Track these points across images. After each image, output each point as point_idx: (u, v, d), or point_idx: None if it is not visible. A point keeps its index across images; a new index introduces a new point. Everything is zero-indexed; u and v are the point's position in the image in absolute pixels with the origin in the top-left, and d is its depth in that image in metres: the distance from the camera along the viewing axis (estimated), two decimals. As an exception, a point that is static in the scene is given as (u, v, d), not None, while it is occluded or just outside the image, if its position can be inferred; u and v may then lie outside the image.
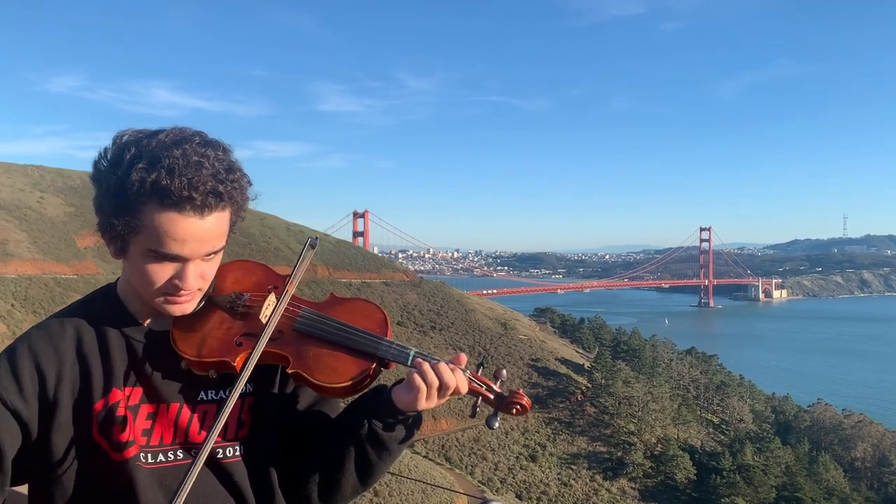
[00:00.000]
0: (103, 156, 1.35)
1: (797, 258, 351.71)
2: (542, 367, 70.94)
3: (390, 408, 1.45)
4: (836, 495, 50.61)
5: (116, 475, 1.38)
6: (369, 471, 1.49)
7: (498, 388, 1.47)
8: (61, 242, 70.10)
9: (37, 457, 1.39)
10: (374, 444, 1.46)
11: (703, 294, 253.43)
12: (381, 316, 1.53)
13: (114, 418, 1.38)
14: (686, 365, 77.47)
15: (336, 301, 1.56)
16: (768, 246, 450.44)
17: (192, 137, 1.34)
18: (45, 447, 1.38)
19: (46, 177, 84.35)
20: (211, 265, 1.42)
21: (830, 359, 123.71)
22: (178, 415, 1.44)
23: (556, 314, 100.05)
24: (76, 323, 1.45)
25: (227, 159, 1.37)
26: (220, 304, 1.50)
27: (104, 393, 1.40)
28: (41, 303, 60.13)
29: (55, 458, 1.38)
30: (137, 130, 1.36)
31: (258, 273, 1.58)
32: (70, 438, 1.38)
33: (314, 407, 1.59)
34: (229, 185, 1.34)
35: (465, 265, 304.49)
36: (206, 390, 1.48)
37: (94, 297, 1.54)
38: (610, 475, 54.58)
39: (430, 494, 38.05)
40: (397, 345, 1.46)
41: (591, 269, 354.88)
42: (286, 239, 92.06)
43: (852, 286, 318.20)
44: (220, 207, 1.35)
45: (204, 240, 1.35)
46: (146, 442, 1.41)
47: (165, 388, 1.44)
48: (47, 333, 1.43)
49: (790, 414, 70.49)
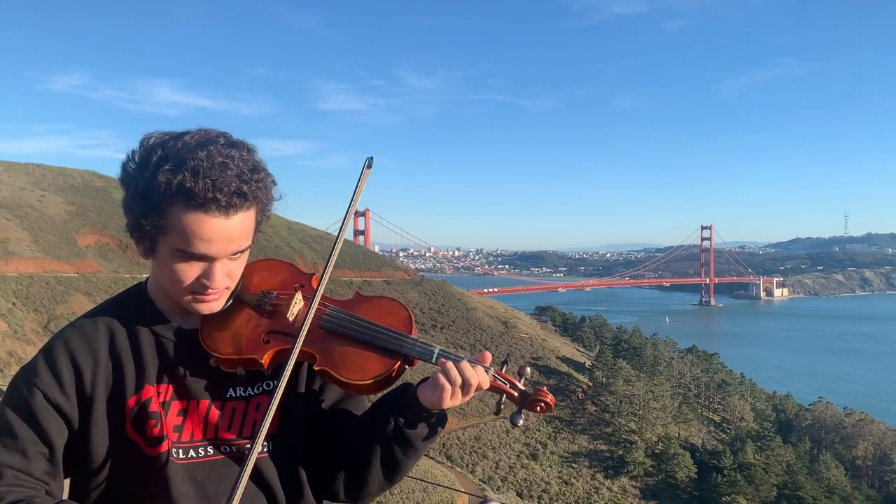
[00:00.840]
0: (131, 158, 1.38)
1: (798, 257, 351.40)
2: (543, 365, 70.91)
3: (416, 406, 1.46)
4: (837, 494, 50.59)
5: (150, 470, 1.42)
6: (395, 468, 1.51)
7: (522, 385, 1.48)
8: (62, 241, 70.10)
9: (76, 452, 1.42)
10: (400, 442, 1.48)
11: (704, 293, 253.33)
12: (405, 314, 1.54)
13: (146, 414, 1.42)
14: (687, 363, 77.47)
15: (361, 299, 1.58)
16: (769, 244, 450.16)
17: (217, 139, 1.37)
18: (84, 442, 1.42)
19: (48, 175, 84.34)
20: (238, 264, 1.45)
21: (832, 357, 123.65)
22: (207, 411, 1.47)
23: (557, 312, 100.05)
24: (108, 322, 1.49)
25: (252, 160, 1.40)
26: (248, 303, 1.52)
27: (136, 390, 1.44)
28: (42, 301, 60.16)
29: (92, 453, 1.42)
30: (164, 132, 1.39)
31: (284, 271, 1.61)
32: (105, 434, 1.42)
33: (340, 404, 1.61)
34: (254, 185, 1.36)
35: (465, 263, 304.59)
36: (234, 387, 1.51)
37: (124, 297, 1.57)
38: (611, 473, 54.57)
39: (431, 493, 38.05)
40: (422, 343, 1.48)
41: (593, 267, 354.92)
42: (287, 238, 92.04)
43: (854, 285, 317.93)
44: (245, 207, 1.37)
45: (230, 239, 1.37)
46: (177, 438, 1.44)
47: (195, 385, 1.47)
48: (82, 332, 1.46)
49: (791, 412, 70.46)
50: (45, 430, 1.37)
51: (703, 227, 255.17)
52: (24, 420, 1.36)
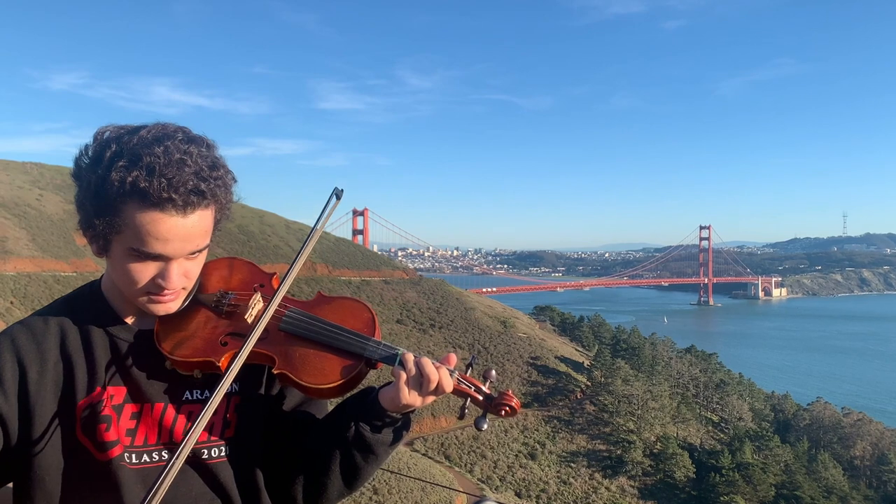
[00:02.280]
0: (84, 153, 1.31)
1: (797, 256, 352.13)
2: (542, 365, 70.94)
3: (377, 409, 1.42)
4: (835, 493, 50.64)
5: (101, 475, 1.34)
6: (355, 474, 1.46)
7: (487, 389, 1.42)
8: (60, 240, 70.04)
9: (19, 454, 1.35)
10: (361, 447, 1.43)
11: (702, 292, 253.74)
12: (368, 315, 1.49)
13: (97, 418, 1.35)
14: (685, 363, 77.51)
15: (323, 300, 1.52)
16: (768, 244, 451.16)
17: (175, 133, 1.30)
18: (28, 445, 1.34)
19: (45, 174, 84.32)
20: (195, 264, 1.39)
21: (830, 357, 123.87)
22: (162, 415, 1.40)
23: (555, 312, 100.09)
24: (60, 321, 1.42)
25: (211, 156, 1.33)
26: (206, 304, 1.47)
27: (88, 392, 1.37)
28: (40, 300, 60.04)
29: (38, 457, 1.34)
30: (119, 126, 1.32)
31: (244, 271, 1.54)
32: (53, 437, 1.35)
33: (301, 408, 1.56)
34: (212, 183, 1.30)
35: (464, 263, 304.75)
36: (191, 390, 1.44)
37: (78, 295, 1.51)
38: (609, 473, 54.58)
39: (430, 492, 38.04)
40: (385, 345, 1.42)
41: (591, 267, 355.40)
42: (286, 237, 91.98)
43: (852, 284, 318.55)
44: (203, 206, 1.31)
45: (187, 238, 1.31)
46: (130, 442, 1.37)
47: (150, 387, 1.41)
48: (30, 330, 1.40)
49: (789, 412, 70.54)
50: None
51: (701, 227, 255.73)
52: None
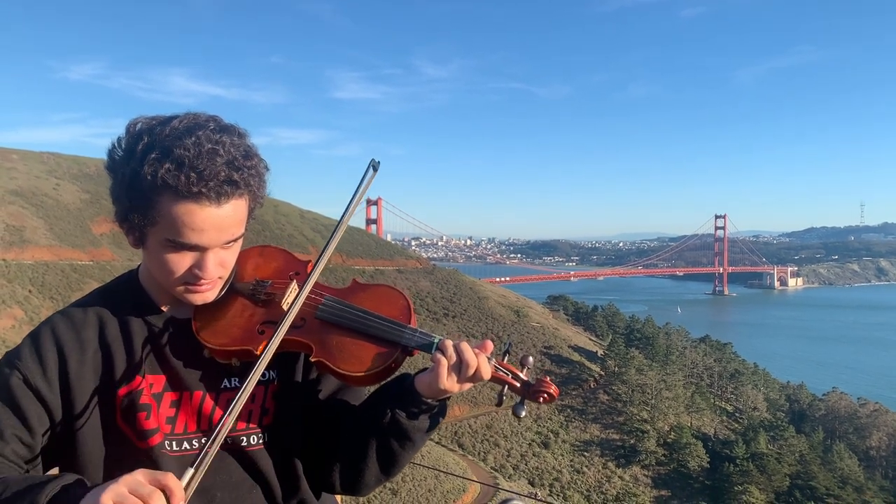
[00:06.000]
0: (117, 145, 1.31)
1: (813, 246, 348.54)
2: (555, 354, 70.93)
3: (414, 396, 1.42)
4: (850, 484, 50.33)
5: (141, 463, 1.31)
6: (392, 460, 1.47)
7: (524, 375, 1.42)
8: (77, 229, 70.73)
9: (63, 441, 1.38)
10: (397, 434, 1.43)
11: (717, 282, 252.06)
12: (404, 302, 1.48)
13: (137, 406, 1.37)
14: (700, 353, 77.24)
15: (359, 287, 1.52)
16: (784, 234, 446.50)
17: (207, 123, 1.30)
18: (70, 432, 1.37)
19: (62, 164, 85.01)
20: (230, 253, 1.39)
21: (846, 347, 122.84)
22: (201, 403, 1.42)
23: (569, 302, 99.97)
24: (98, 311, 1.44)
25: (244, 145, 1.33)
26: (242, 292, 1.47)
27: (127, 381, 1.39)
28: (58, 289, 60.80)
29: (80, 444, 1.37)
30: (151, 117, 1.32)
31: (280, 259, 1.55)
32: (94, 425, 1.37)
33: (338, 395, 1.57)
34: (245, 173, 1.30)
35: (477, 252, 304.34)
36: (229, 378, 1.46)
37: (115, 285, 1.53)
38: (623, 462, 54.65)
39: (443, 480, 38.28)
40: (421, 332, 1.42)
41: (605, 256, 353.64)
42: (300, 226, 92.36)
43: (869, 274, 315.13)
44: (237, 195, 1.31)
45: (222, 228, 1.31)
46: (170, 430, 1.40)
47: (188, 376, 1.43)
48: (70, 320, 1.41)
49: (805, 402, 70.14)
50: (23, 414, 1.32)
51: (717, 216, 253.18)
52: (1, 401, 1.33)
